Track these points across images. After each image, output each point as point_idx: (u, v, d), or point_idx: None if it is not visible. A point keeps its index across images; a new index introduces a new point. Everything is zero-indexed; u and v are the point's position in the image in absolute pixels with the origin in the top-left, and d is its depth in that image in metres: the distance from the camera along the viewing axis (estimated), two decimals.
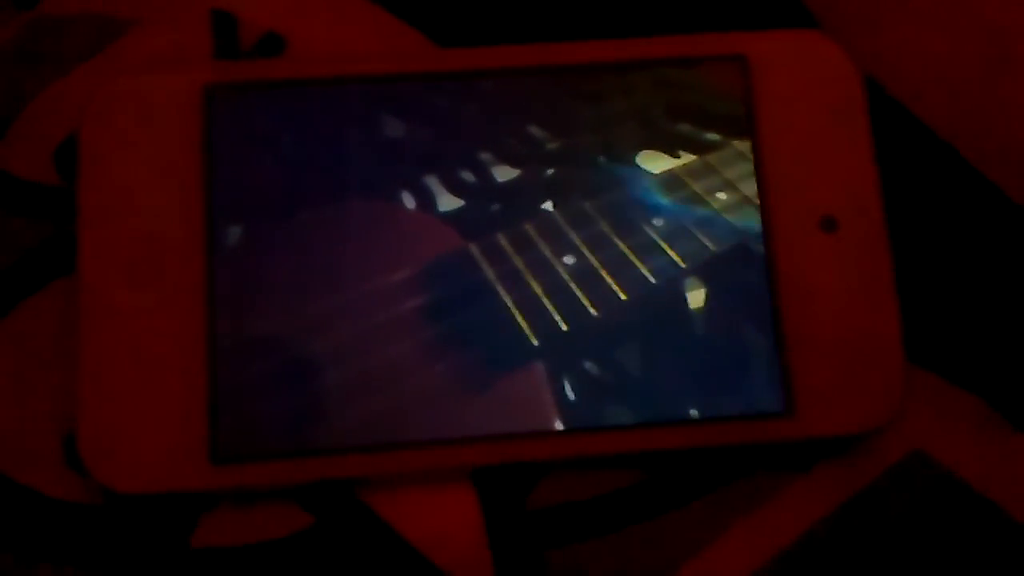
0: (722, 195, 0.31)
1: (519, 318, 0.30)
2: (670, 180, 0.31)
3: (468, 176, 0.31)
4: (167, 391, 0.29)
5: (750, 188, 0.31)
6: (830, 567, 0.30)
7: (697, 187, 0.31)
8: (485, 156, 0.31)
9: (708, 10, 0.34)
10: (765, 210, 0.31)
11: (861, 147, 0.32)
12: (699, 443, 0.30)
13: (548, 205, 0.31)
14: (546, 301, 0.30)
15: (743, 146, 0.32)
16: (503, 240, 0.31)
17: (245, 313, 0.30)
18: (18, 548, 0.30)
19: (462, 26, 0.34)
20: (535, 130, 0.32)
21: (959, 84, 0.34)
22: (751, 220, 0.31)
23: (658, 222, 0.31)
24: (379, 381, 0.30)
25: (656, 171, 0.31)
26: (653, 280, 0.31)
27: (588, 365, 0.30)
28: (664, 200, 0.31)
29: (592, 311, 0.30)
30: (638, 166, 0.31)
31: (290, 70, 0.31)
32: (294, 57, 0.33)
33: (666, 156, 0.32)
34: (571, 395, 0.30)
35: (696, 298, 0.31)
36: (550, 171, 0.31)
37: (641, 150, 0.32)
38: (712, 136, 0.32)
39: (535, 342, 0.30)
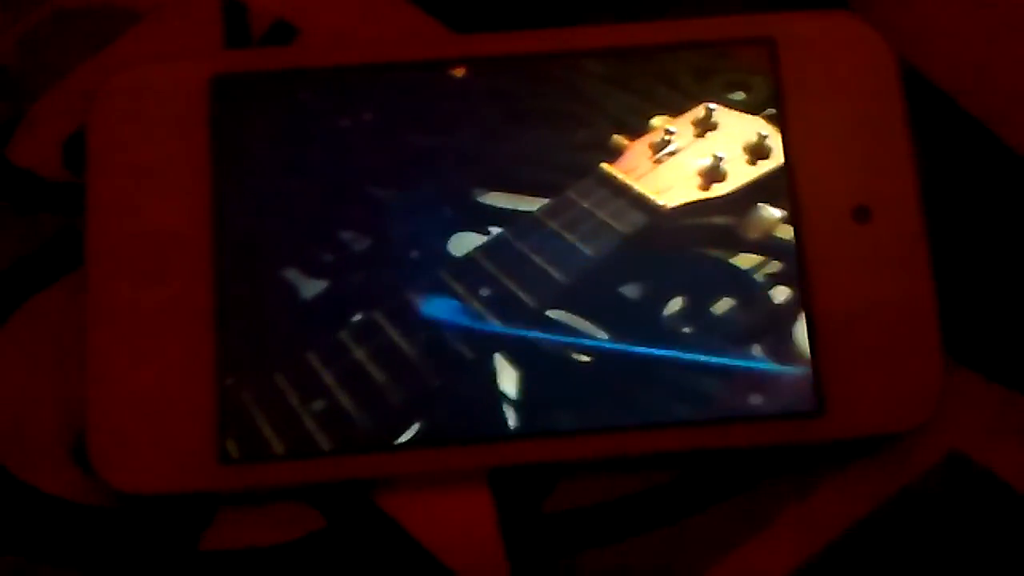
0: (752, 184, 0.31)
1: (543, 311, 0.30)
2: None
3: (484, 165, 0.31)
4: (176, 390, 0.29)
5: (781, 177, 0.31)
6: (864, 570, 0.30)
7: (727, 178, 0.31)
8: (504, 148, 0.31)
9: None
10: (795, 200, 0.31)
11: (896, 133, 0.31)
12: (728, 444, 0.30)
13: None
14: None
15: (772, 133, 0.31)
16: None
17: (255, 309, 0.30)
18: (26, 549, 0.30)
19: (478, 12, 0.33)
20: (556, 117, 0.31)
21: (998, 66, 0.33)
22: (782, 212, 0.31)
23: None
24: (391, 380, 0.29)
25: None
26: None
27: (611, 364, 0.30)
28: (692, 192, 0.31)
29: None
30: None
31: (299, 59, 0.31)
32: (304, 45, 0.33)
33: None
34: (593, 395, 0.29)
35: (726, 295, 0.30)
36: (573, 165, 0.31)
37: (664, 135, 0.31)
38: (740, 123, 0.31)
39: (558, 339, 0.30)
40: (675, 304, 0.30)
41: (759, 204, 0.31)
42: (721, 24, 0.32)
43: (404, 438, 0.29)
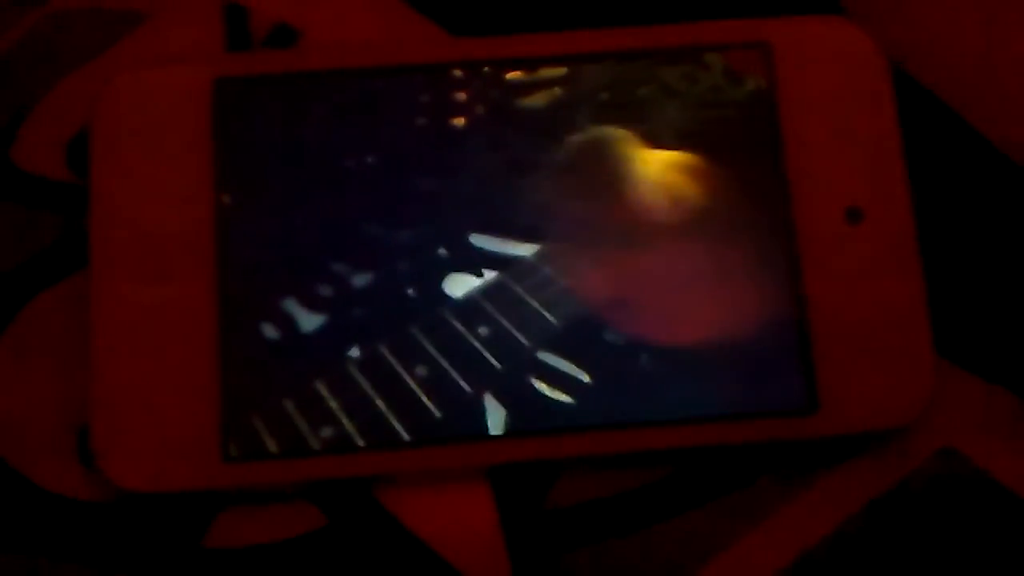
0: (745, 186, 0.31)
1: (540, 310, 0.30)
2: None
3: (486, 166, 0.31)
4: (179, 387, 0.29)
5: (774, 178, 0.31)
6: (857, 567, 0.30)
7: (721, 179, 0.31)
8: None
9: None
10: (789, 201, 0.31)
11: (888, 136, 0.31)
12: (720, 440, 0.30)
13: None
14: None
15: (766, 136, 0.31)
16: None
17: (258, 308, 0.30)
18: (29, 547, 0.30)
19: (477, 16, 0.34)
20: (553, 121, 0.31)
21: (991, 71, 0.33)
22: (776, 211, 0.31)
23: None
24: (393, 378, 0.29)
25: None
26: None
27: (608, 361, 0.30)
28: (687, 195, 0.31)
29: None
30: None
31: (301, 62, 0.31)
32: (307, 48, 0.33)
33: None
34: (590, 392, 0.30)
35: (716, 292, 0.30)
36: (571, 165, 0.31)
37: (661, 136, 0.31)
38: (734, 126, 0.31)
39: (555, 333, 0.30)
40: None
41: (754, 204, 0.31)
42: (716, 28, 0.32)
43: (406, 436, 0.29)
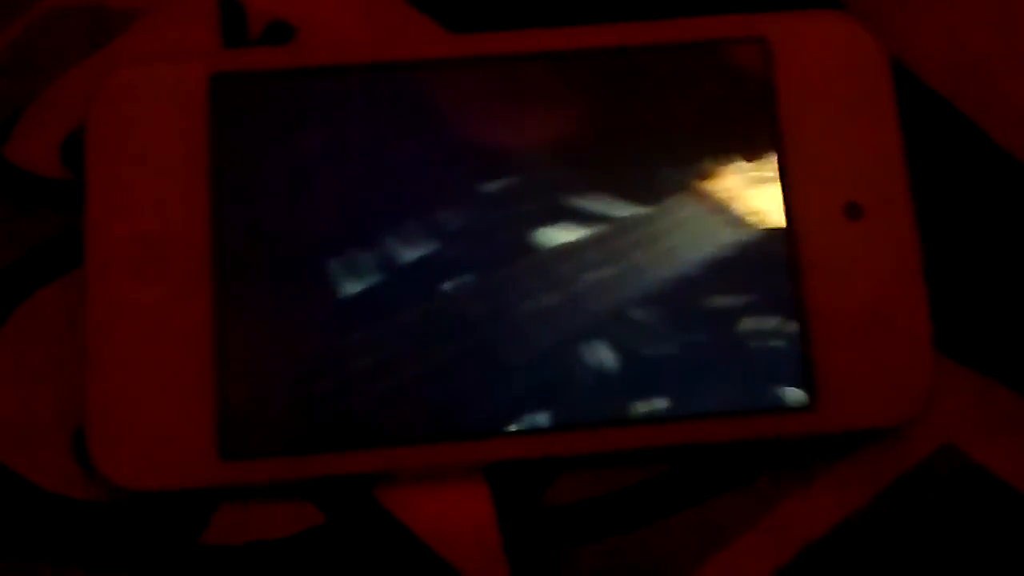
0: (744, 182, 0.31)
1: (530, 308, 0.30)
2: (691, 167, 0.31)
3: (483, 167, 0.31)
4: (175, 386, 0.29)
5: (773, 174, 0.31)
6: (858, 562, 0.30)
7: (719, 175, 0.31)
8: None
9: None
10: (788, 196, 0.31)
11: (887, 131, 0.31)
12: (719, 438, 0.30)
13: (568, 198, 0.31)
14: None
15: (765, 131, 0.31)
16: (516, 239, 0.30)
17: (253, 306, 0.30)
18: (25, 546, 0.30)
19: (474, 12, 0.33)
20: (552, 120, 0.31)
21: (992, 67, 0.33)
22: (774, 207, 0.31)
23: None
24: (390, 375, 0.29)
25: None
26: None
27: (606, 359, 0.30)
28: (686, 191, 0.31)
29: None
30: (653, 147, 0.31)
31: (298, 58, 0.31)
32: (303, 45, 0.33)
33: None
34: (588, 389, 0.29)
35: (717, 289, 0.30)
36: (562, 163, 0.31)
37: (659, 137, 0.31)
38: (732, 121, 0.31)
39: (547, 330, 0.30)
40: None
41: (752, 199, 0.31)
42: (714, 24, 0.32)
43: (405, 434, 0.29)
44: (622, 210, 0.31)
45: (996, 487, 0.30)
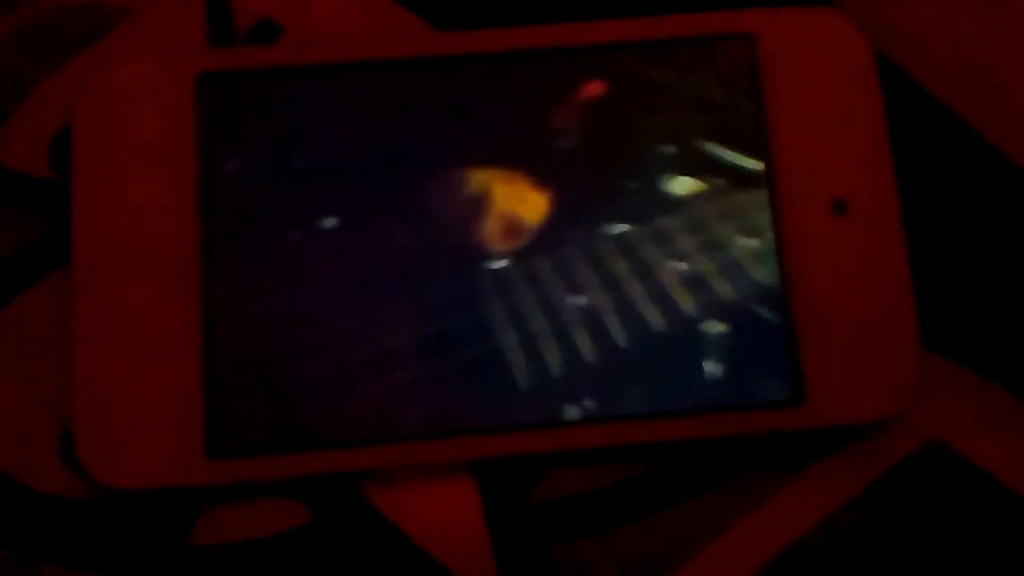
0: (730, 178, 0.31)
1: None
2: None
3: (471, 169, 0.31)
4: (163, 385, 0.29)
5: (759, 170, 0.31)
6: (844, 559, 0.30)
7: (706, 172, 0.31)
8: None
9: None
10: (774, 192, 0.31)
11: (874, 127, 0.31)
12: (704, 434, 0.30)
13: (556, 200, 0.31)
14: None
15: (751, 128, 0.31)
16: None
17: (241, 305, 0.30)
18: (14, 545, 0.30)
19: (460, 10, 0.33)
20: (539, 120, 0.31)
21: (979, 63, 0.33)
22: (760, 203, 0.31)
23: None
24: (377, 373, 0.29)
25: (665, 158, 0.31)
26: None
27: (591, 355, 0.30)
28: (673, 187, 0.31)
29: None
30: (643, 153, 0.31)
31: (285, 57, 0.31)
32: (289, 43, 0.33)
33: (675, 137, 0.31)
34: (573, 386, 0.30)
35: (704, 285, 0.30)
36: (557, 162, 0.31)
37: (646, 134, 0.31)
38: (719, 117, 0.31)
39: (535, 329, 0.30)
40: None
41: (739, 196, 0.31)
42: (701, 20, 0.32)
43: (392, 431, 0.29)
44: (607, 206, 0.31)
45: (983, 481, 0.30)
